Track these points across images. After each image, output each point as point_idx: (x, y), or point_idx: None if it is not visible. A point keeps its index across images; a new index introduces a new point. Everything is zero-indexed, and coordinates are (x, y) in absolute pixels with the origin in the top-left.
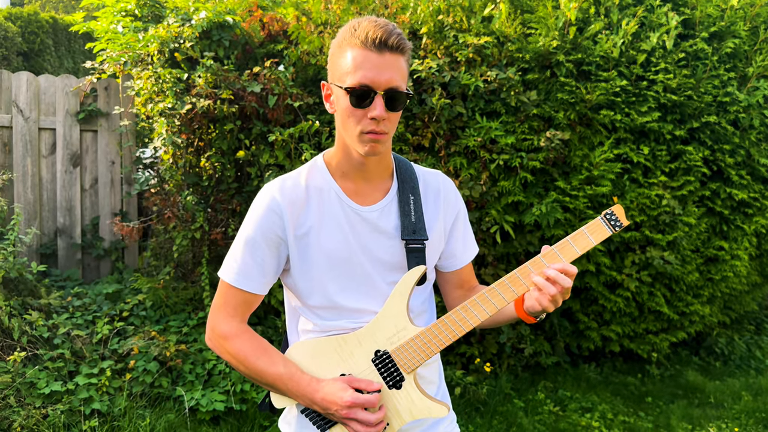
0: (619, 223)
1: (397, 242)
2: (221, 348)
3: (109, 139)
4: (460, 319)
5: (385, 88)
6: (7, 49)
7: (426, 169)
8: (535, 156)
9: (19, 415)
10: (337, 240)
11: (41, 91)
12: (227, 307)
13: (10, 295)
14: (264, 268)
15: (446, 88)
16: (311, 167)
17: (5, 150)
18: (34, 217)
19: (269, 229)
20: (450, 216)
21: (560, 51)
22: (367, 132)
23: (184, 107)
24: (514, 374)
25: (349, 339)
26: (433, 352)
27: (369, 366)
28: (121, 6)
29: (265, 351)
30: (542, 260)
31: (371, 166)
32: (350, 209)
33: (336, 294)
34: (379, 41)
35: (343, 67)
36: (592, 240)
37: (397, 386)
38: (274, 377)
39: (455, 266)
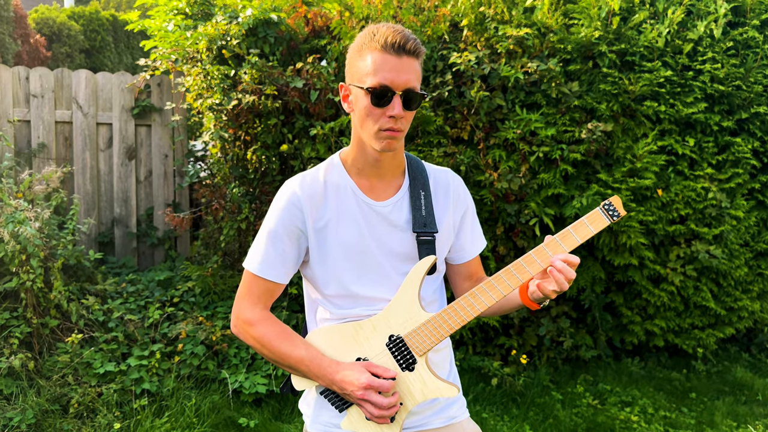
0: (617, 213)
1: (408, 235)
2: (246, 333)
3: (162, 134)
4: (468, 304)
5: (403, 88)
6: (70, 47)
7: (436, 167)
8: (576, 148)
9: (77, 393)
10: (352, 233)
11: (99, 87)
12: (251, 296)
13: (69, 281)
14: (285, 258)
15: (486, 80)
16: (328, 165)
17: (66, 144)
18: (92, 208)
19: (290, 222)
20: (459, 211)
21: (603, 41)
22: (385, 129)
23: (231, 103)
24: (554, 367)
25: (365, 325)
26: (443, 336)
27: (383, 350)
28: (173, 4)
29: (287, 335)
30: (545, 249)
31: (385, 164)
32: (365, 204)
33: (352, 283)
34: (398, 45)
35: (363, 69)
36: (592, 229)
37: (410, 368)
38: (296, 359)
39: (464, 258)
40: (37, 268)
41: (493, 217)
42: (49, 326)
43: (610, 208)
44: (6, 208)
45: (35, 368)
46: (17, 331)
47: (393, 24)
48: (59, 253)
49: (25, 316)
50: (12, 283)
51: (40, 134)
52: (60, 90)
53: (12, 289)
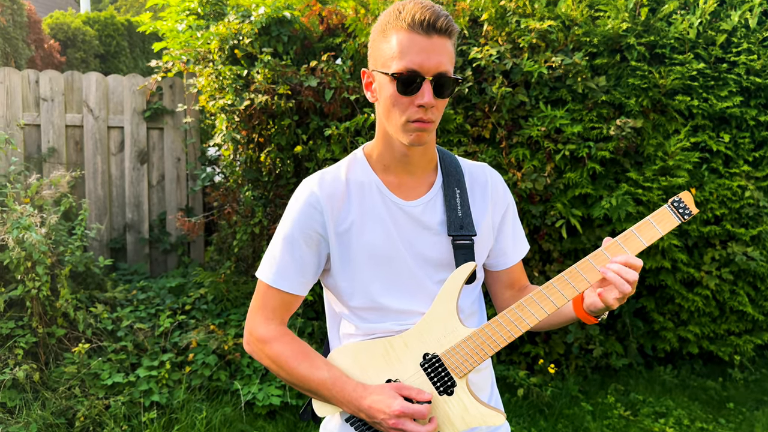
0: (688, 211)
1: (443, 238)
2: (260, 353)
3: (175, 137)
4: (516, 318)
5: (434, 73)
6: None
7: (471, 162)
8: (604, 145)
9: (83, 405)
10: (379, 236)
11: (110, 90)
12: (265, 309)
13: (77, 288)
14: (303, 267)
15: (508, 76)
16: (351, 160)
17: (77, 148)
18: (104, 213)
19: (308, 226)
20: (499, 211)
21: (631, 33)
22: (413, 120)
23: (243, 103)
24: (583, 376)
25: (395, 342)
26: (486, 355)
27: (417, 370)
28: (185, 5)
29: (306, 355)
30: (605, 253)
31: (414, 159)
32: (393, 204)
33: (379, 294)
34: (427, 23)
35: (387, 52)
36: (659, 230)
37: (449, 392)
38: (317, 383)
39: (505, 264)
40: (43, 276)
41: None
42: (55, 336)
43: (680, 206)
44: (11, 213)
45: (41, 380)
46: (22, 341)
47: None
48: (67, 260)
49: (30, 326)
50: (17, 291)
51: (51, 138)
52: (70, 93)
53: (17, 297)
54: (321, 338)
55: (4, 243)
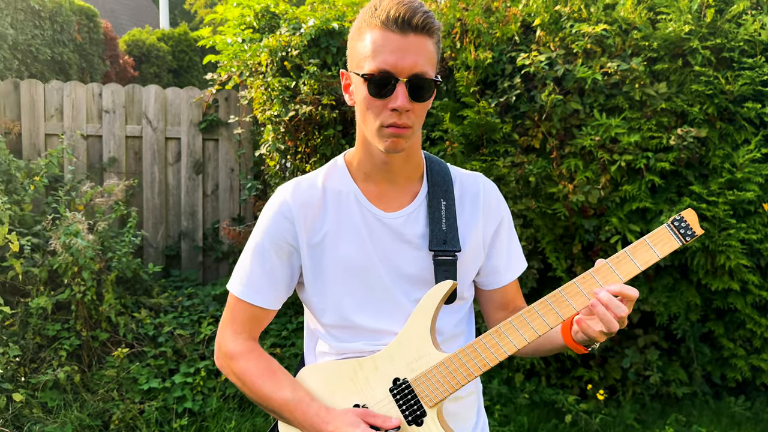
0: (691, 232)
1: (424, 253)
2: (227, 368)
3: (229, 147)
4: (493, 345)
5: (408, 74)
6: (159, 67)
7: (465, 172)
8: (664, 156)
9: (119, 409)
10: (353, 249)
11: (168, 102)
12: (234, 323)
13: (125, 294)
14: (274, 279)
15: (560, 83)
16: (331, 167)
17: (136, 158)
18: (160, 221)
19: (279, 236)
20: (491, 225)
21: (695, 36)
22: (387, 125)
23: (288, 114)
24: (640, 404)
25: (366, 364)
26: (459, 384)
27: (386, 396)
28: (242, 19)
29: (272, 373)
30: (594, 277)
31: (396, 167)
32: (370, 214)
33: (352, 311)
34: (402, 20)
35: (361, 51)
36: (657, 253)
37: (417, 422)
38: (279, 403)
39: (498, 283)
40: (89, 280)
41: (569, 233)
42: (99, 339)
43: (681, 225)
44: (63, 220)
45: (81, 381)
46: (66, 344)
47: None
48: (114, 266)
49: (75, 329)
50: (64, 294)
51: (111, 149)
52: (131, 105)
53: (64, 300)
54: None
55: (55, 248)
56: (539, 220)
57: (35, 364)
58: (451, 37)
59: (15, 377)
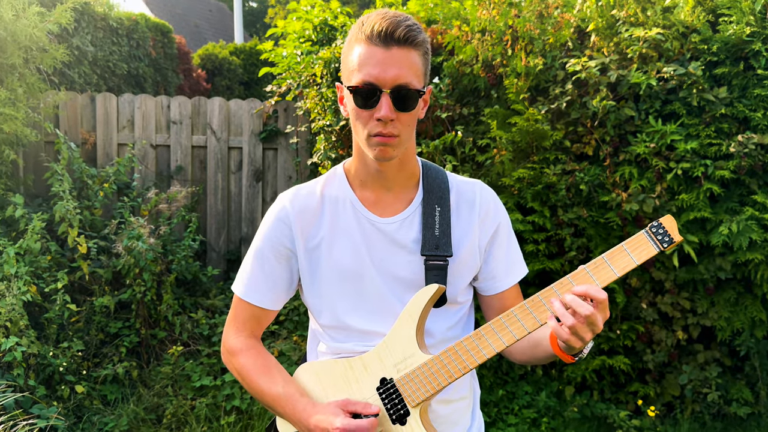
0: (669, 238)
1: (416, 258)
2: (229, 363)
3: (287, 156)
4: (473, 348)
5: (391, 85)
6: (230, 80)
7: (463, 179)
8: (723, 164)
9: (172, 404)
10: (348, 253)
11: (231, 114)
12: (236, 321)
13: (184, 295)
14: (273, 281)
15: (615, 89)
16: (330, 176)
17: (201, 167)
18: (223, 227)
19: (278, 241)
20: (487, 231)
21: (757, 38)
22: (374, 134)
23: (340, 123)
24: (700, 422)
25: (355, 363)
26: (440, 385)
27: (373, 395)
28: (302, 32)
29: (267, 369)
30: (570, 281)
31: (390, 174)
32: (366, 220)
33: (345, 313)
34: (385, 34)
35: (350, 65)
36: (634, 259)
37: (401, 421)
38: (272, 397)
39: (496, 289)
40: (149, 282)
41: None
42: (157, 337)
43: (658, 232)
44: (128, 224)
45: (139, 377)
46: (127, 341)
47: (387, 10)
48: (174, 268)
49: (135, 327)
50: (126, 294)
51: (178, 158)
52: (197, 117)
53: (126, 300)
54: None
55: (119, 251)
56: (591, 229)
57: (97, 359)
58: (502, 44)
59: (78, 370)
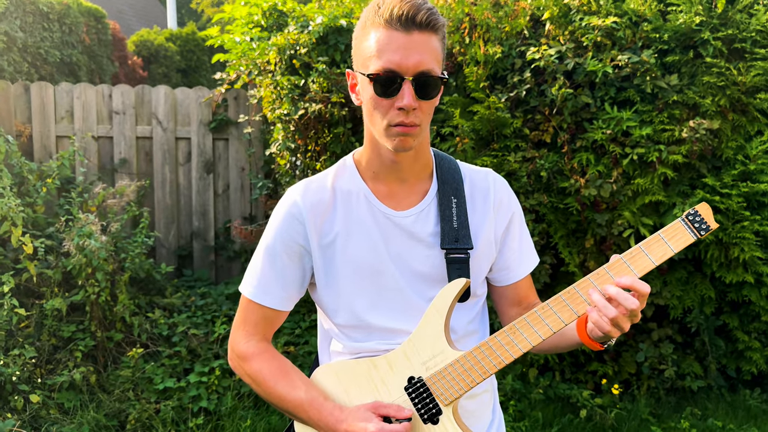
0: (706, 226)
1: (436, 251)
2: (240, 369)
3: (239, 147)
4: (507, 342)
5: (414, 72)
6: (167, 67)
7: (474, 168)
8: (676, 149)
9: (135, 409)
10: (365, 249)
11: (178, 103)
12: (246, 325)
13: (138, 294)
14: (285, 281)
15: (570, 77)
16: (340, 167)
17: (146, 159)
18: (172, 222)
19: (290, 238)
20: (502, 221)
21: (706, 28)
22: (395, 125)
23: (298, 112)
24: (655, 398)
25: (380, 363)
26: (474, 382)
27: (402, 395)
28: (250, 18)
29: (285, 374)
30: (608, 272)
31: (405, 165)
32: (381, 214)
33: (365, 311)
34: (406, 18)
35: (366, 51)
36: (671, 247)
37: (433, 420)
38: (294, 403)
39: (510, 279)
40: (103, 281)
41: (581, 228)
42: (113, 340)
43: (696, 219)
44: (76, 222)
45: (97, 382)
46: (82, 344)
47: None
48: (127, 266)
49: (90, 329)
50: (78, 296)
51: (122, 150)
52: (141, 106)
53: (79, 302)
54: None
55: (68, 250)
56: (551, 215)
57: (51, 366)
58: (460, 32)
59: (31, 379)
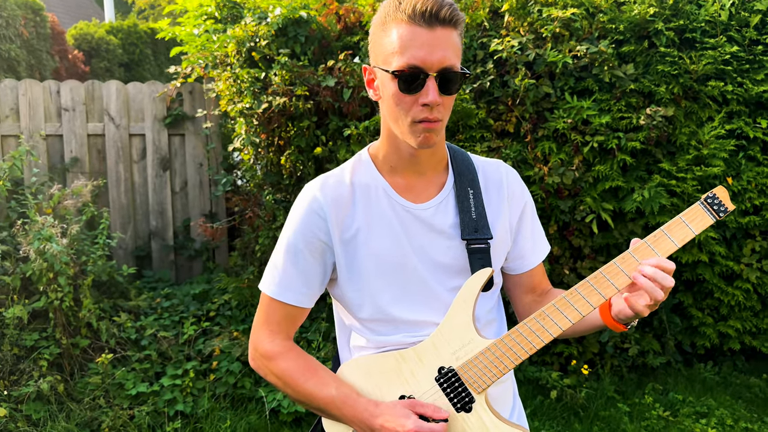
0: (724, 208)
1: (457, 243)
2: (266, 369)
3: (196, 142)
4: (538, 328)
5: (438, 68)
6: (109, 61)
7: (485, 159)
8: (634, 136)
9: (108, 416)
10: (388, 242)
11: (130, 98)
12: (270, 323)
13: (101, 298)
14: (308, 277)
15: (531, 67)
16: (356, 162)
17: (99, 157)
18: (128, 221)
19: (312, 234)
20: (516, 211)
21: (659, 18)
22: (419, 121)
23: (261, 106)
24: (618, 375)
25: (408, 355)
26: (506, 368)
27: (433, 386)
28: (203, 9)
29: (314, 371)
30: (633, 256)
31: (423, 159)
32: (401, 207)
33: (389, 304)
34: (429, 14)
35: (388, 47)
36: (692, 229)
37: (467, 409)
38: (325, 401)
39: (524, 268)
40: (66, 286)
41: (545, 214)
42: (79, 346)
43: (714, 202)
44: (33, 225)
45: (65, 391)
46: (46, 353)
47: None
48: (89, 270)
49: (54, 337)
50: (40, 302)
51: (73, 148)
52: (91, 102)
53: (41, 308)
54: None
55: (27, 255)
56: None
57: (15, 377)
58: None
59: None
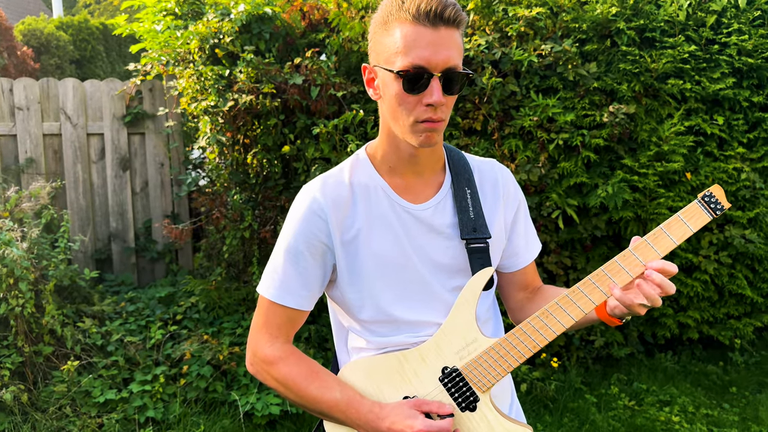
0: (720, 206)
1: (456, 242)
2: (266, 374)
3: (157, 141)
4: (541, 326)
5: (442, 68)
6: (60, 58)
7: (479, 158)
8: (597, 133)
9: (75, 426)
10: (389, 243)
11: (88, 96)
12: (269, 327)
13: (63, 303)
14: (308, 280)
15: (497, 66)
16: (354, 162)
17: (56, 157)
18: (87, 223)
19: (312, 235)
20: (510, 209)
21: (620, 18)
22: (422, 120)
23: (227, 104)
24: (585, 367)
25: (411, 356)
26: (510, 367)
27: (437, 386)
28: (162, 5)
29: (316, 375)
30: (633, 254)
31: (422, 159)
32: (401, 208)
33: (390, 305)
34: (434, 14)
35: (390, 47)
36: (690, 227)
37: (471, 408)
38: (329, 404)
39: (518, 265)
40: (27, 292)
41: None
42: (43, 354)
43: (711, 200)
44: None
45: (29, 401)
46: (8, 362)
47: None
48: (51, 274)
49: (16, 345)
50: (0, 309)
51: (28, 148)
52: (47, 101)
53: (1, 316)
54: (318, 342)
55: None
56: None
57: None
58: None
59: None
